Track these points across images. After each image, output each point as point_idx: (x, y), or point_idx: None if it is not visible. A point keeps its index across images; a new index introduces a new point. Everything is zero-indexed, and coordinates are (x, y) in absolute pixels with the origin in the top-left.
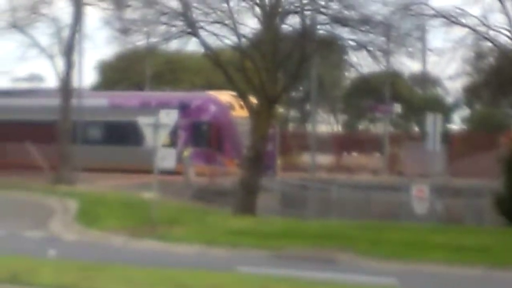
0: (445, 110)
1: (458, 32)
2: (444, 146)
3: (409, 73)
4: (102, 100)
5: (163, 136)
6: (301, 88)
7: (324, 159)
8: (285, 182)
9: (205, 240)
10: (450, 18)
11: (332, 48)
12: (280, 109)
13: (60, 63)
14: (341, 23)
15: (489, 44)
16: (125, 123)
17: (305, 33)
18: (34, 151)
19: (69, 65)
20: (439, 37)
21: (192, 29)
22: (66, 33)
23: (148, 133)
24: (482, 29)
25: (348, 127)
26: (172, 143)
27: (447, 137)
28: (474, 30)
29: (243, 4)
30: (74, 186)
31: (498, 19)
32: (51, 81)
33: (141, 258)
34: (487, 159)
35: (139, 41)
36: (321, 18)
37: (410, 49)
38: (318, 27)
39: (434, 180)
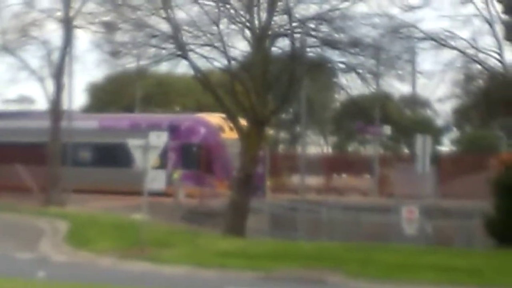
0: (435, 132)
1: (448, 54)
2: (434, 167)
3: (398, 95)
4: (92, 122)
5: (153, 158)
6: (291, 110)
7: (314, 180)
8: (275, 204)
9: (194, 262)
10: (439, 41)
11: (321, 71)
12: (270, 131)
13: (50, 85)
14: (331, 46)
15: (479, 66)
16: (115, 145)
17: (295, 56)
18: (24, 173)
19: (59, 87)
20: (428, 59)
21: (182, 51)
22: (56, 55)
23: (138, 155)
24: (471, 51)
25: (338, 148)
26: (162, 165)
27: (437, 159)
28: (463, 52)
29: (233, 27)
30: (64, 207)
31: (487, 41)
32: (41, 103)
33: (130, 279)
34: (477, 180)
35: (129, 63)
36: (311, 40)
37: (399, 71)
38: (308, 49)
39: (424, 201)
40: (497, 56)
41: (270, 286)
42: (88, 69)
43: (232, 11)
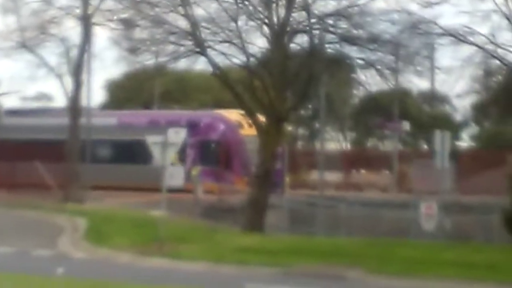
0: (454, 128)
1: (466, 50)
2: (453, 163)
3: (417, 91)
4: (110, 119)
5: (172, 155)
6: (309, 106)
7: (333, 176)
8: (294, 200)
9: (213, 258)
10: (458, 37)
11: (340, 67)
12: (289, 127)
13: (69, 82)
14: (349, 42)
15: (497, 62)
16: (133, 142)
17: (314, 52)
18: (42, 170)
19: (77, 84)
20: (447, 55)
21: (201, 48)
22: (74, 52)
23: (156, 151)
24: (490, 47)
25: (357, 144)
26: (181, 161)
27: (456, 155)
28: (482, 48)
29: (252, 23)
30: (83, 204)
31: (506, 37)
32: (60, 101)
33: (149, 276)
34: (496, 176)
35: (147, 60)
36: (329, 37)
37: (418, 67)
38: (327, 45)
39: (442, 197)
40: None
41: (289, 282)
42: (107, 66)
43: (250, 7)
